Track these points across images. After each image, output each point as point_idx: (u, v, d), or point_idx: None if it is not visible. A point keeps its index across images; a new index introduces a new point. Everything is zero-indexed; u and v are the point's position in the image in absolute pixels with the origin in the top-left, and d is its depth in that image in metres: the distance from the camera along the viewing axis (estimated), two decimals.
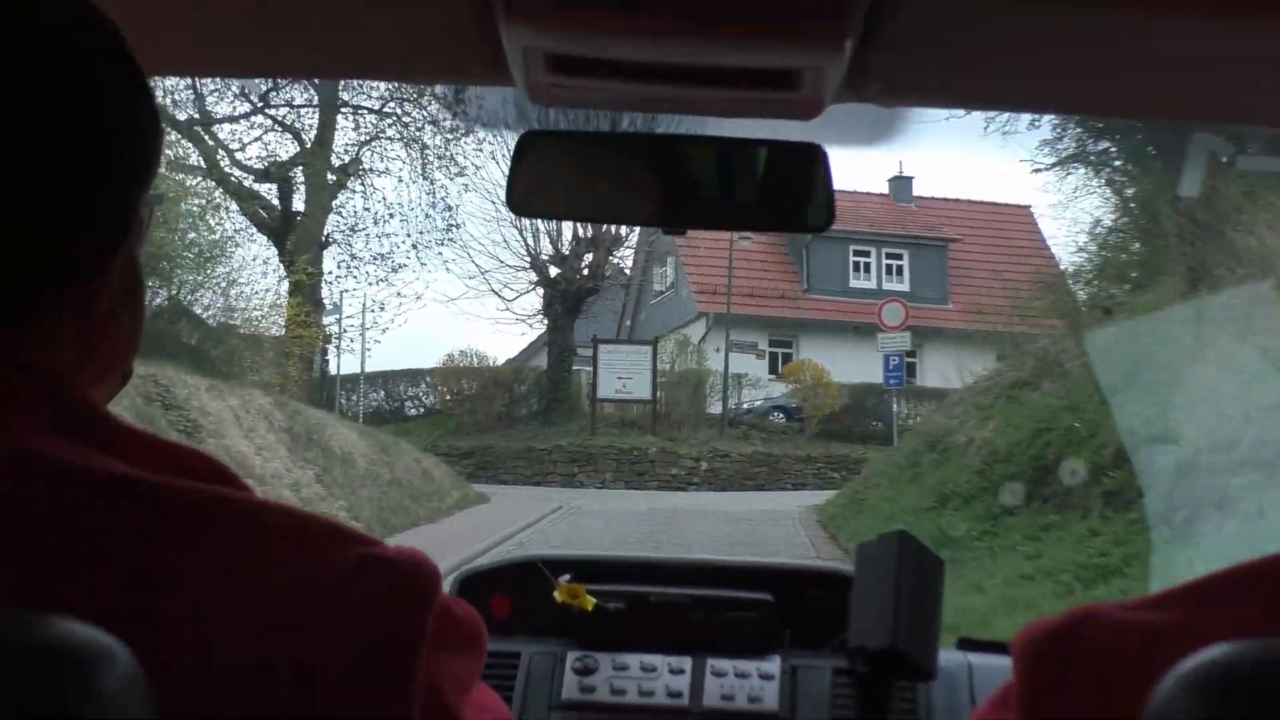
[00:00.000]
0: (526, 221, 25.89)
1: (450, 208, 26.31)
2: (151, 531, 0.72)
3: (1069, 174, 16.40)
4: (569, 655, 1.85)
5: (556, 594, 1.86)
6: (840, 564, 1.99)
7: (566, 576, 1.87)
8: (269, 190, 24.77)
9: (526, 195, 1.50)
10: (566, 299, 25.98)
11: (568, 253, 26.06)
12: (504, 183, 1.48)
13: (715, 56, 1.11)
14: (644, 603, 1.88)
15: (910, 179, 33.92)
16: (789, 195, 1.49)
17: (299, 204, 25.01)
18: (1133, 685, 0.72)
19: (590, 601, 1.85)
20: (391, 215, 25.89)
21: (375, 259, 25.89)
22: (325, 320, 24.93)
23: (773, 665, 1.82)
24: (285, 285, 23.88)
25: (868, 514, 14.20)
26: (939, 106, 1.46)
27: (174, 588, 0.71)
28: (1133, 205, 14.55)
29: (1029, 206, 32.65)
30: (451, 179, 25.51)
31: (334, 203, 25.49)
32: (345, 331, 25.86)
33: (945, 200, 33.87)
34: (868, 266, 31.26)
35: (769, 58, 1.10)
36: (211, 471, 0.78)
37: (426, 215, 26.59)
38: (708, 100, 1.23)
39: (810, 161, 1.44)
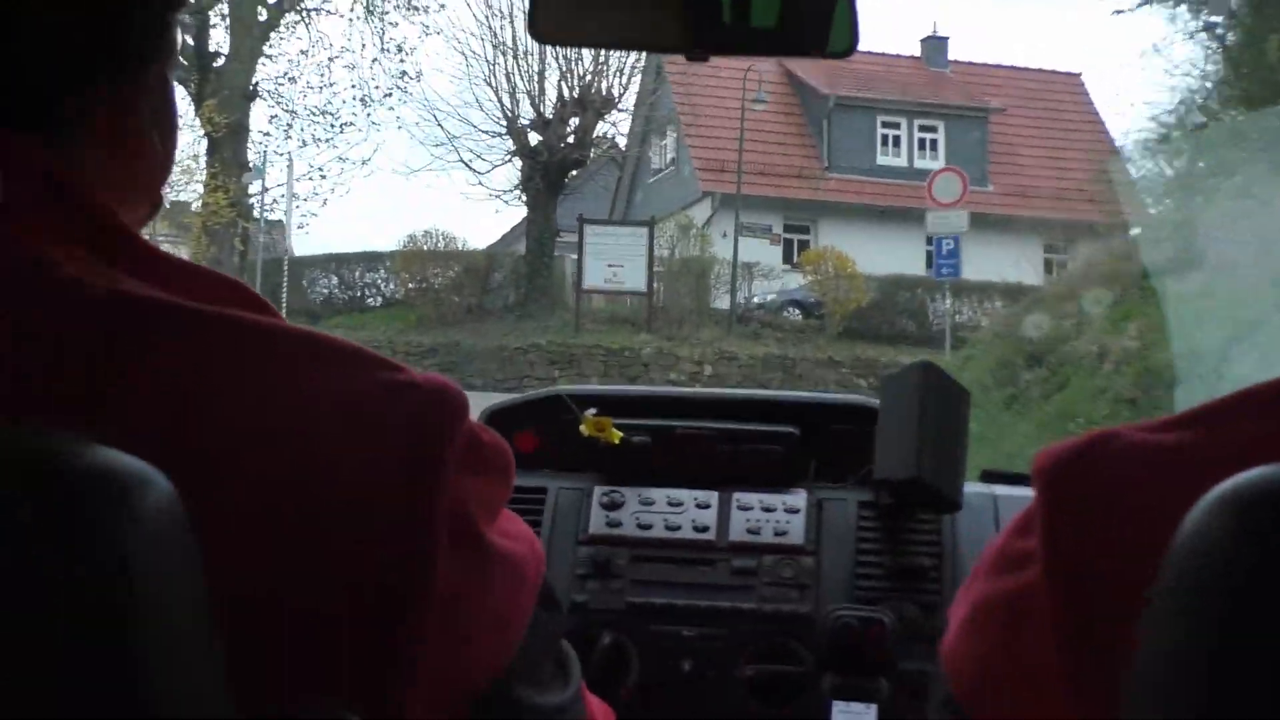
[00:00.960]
0: (502, 78, 25.56)
1: (403, 49, 25.18)
2: (180, 354, 0.81)
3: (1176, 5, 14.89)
4: (595, 490, 2.13)
5: (583, 427, 2.12)
6: (866, 397, 2.27)
7: (593, 410, 2.14)
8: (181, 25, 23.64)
9: (548, 21, 1.74)
10: (549, 171, 25.61)
11: (551, 116, 25.71)
12: (476, 30, 1.68)
13: None
14: (669, 436, 2.16)
15: (945, 39, 33.75)
16: (811, 16, 1.73)
17: (223, 48, 23.89)
18: (1152, 503, 0.81)
19: (616, 435, 2.12)
20: (334, 59, 25.05)
21: (316, 115, 25.09)
22: (250, 189, 24.10)
23: (798, 499, 2.10)
24: (203, 145, 23.08)
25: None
26: None
27: (203, 410, 0.81)
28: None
29: (1079, 74, 32.61)
30: (408, 17, 24.36)
31: (265, 46, 24.42)
32: (276, 203, 24.85)
33: (985, 65, 33.74)
34: (897, 140, 31.22)
35: None
36: (242, 298, 0.88)
37: (375, 61, 25.64)
38: None
39: None
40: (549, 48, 21.97)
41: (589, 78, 25.44)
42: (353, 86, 25.74)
